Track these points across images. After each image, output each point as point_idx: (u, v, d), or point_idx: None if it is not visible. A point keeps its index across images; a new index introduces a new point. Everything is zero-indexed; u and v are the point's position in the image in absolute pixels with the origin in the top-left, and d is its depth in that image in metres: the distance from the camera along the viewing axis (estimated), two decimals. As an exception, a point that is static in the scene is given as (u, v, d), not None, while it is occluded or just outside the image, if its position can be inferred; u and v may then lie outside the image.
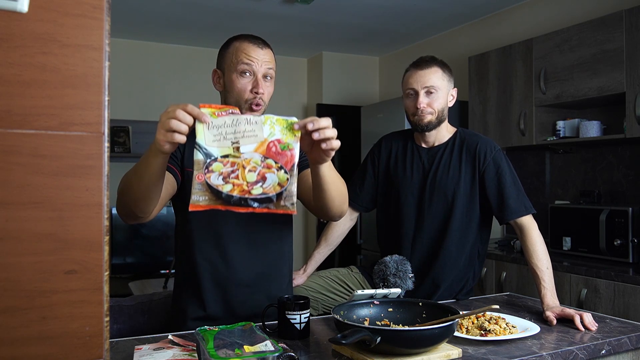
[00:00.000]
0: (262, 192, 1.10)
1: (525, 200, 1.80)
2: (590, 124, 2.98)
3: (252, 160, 1.11)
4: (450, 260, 1.84)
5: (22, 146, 0.66)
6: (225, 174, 1.09)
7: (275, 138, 1.12)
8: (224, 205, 1.09)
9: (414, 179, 1.90)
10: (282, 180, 1.11)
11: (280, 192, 1.10)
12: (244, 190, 1.10)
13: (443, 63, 1.87)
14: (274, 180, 1.11)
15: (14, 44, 0.65)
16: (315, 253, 2.01)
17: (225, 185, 1.09)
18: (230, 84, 1.51)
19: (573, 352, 1.29)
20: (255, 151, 1.11)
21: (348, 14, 4.00)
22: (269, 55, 1.52)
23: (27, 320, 0.66)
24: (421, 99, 1.81)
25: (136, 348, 1.23)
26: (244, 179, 1.10)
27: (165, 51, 4.84)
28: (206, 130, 1.10)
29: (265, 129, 1.11)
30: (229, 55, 1.52)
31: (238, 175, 1.10)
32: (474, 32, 4.18)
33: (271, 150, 1.11)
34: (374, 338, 1.11)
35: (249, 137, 1.11)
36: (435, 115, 1.83)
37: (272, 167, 1.11)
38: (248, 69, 1.48)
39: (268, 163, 1.11)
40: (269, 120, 1.12)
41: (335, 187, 1.38)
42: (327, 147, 1.17)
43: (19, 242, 0.65)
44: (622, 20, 2.71)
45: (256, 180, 1.10)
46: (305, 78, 5.46)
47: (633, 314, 2.36)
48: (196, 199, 1.08)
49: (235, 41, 1.53)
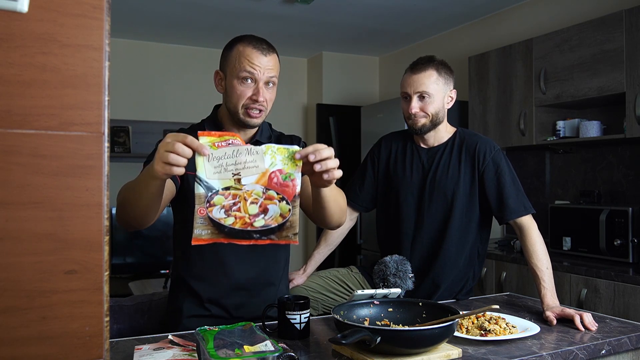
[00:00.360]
0: (264, 224, 1.10)
1: (524, 200, 1.80)
2: (590, 124, 2.98)
3: (254, 192, 1.10)
4: (450, 260, 1.84)
5: (22, 146, 0.66)
6: (227, 206, 1.09)
7: (276, 168, 1.11)
8: (227, 238, 1.09)
9: (414, 179, 1.90)
10: (284, 211, 1.11)
11: (282, 223, 1.10)
12: (246, 222, 1.09)
13: (441, 64, 1.86)
14: (276, 211, 1.10)
15: (14, 44, 0.65)
16: (315, 253, 2.01)
17: (228, 218, 1.09)
18: (230, 88, 1.49)
19: (573, 352, 1.29)
20: (256, 182, 1.10)
21: (348, 14, 4.00)
22: (272, 61, 1.49)
23: (27, 320, 0.66)
24: (413, 104, 1.81)
25: (136, 348, 1.23)
26: (246, 212, 1.09)
27: (165, 51, 4.84)
28: (206, 162, 1.08)
29: (267, 159, 1.10)
30: (232, 59, 1.48)
31: (240, 208, 1.09)
32: (474, 32, 4.18)
33: (273, 181, 1.11)
34: (374, 338, 1.11)
35: (250, 168, 1.10)
36: (428, 119, 1.83)
37: (274, 199, 1.11)
38: (250, 76, 1.46)
39: (270, 194, 1.11)
40: (269, 150, 1.11)
41: (335, 203, 1.41)
42: (329, 178, 1.18)
43: (19, 242, 0.65)
44: (622, 20, 2.71)
45: (258, 212, 1.10)
46: (305, 78, 5.46)
47: (633, 314, 2.36)
48: (198, 233, 1.08)
49: (239, 44, 1.49)
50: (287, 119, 5.21)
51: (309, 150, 1.13)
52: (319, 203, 1.36)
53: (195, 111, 4.89)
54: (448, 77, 1.86)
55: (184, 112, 4.82)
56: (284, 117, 5.18)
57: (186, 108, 4.84)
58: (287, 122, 5.19)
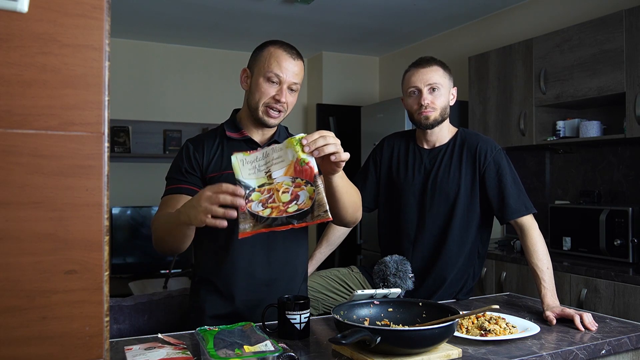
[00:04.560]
0: (298, 209, 1.21)
1: (526, 200, 1.80)
2: (590, 124, 2.98)
3: (284, 183, 1.23)
4: (451, 260, 1.84)
5: (22, 146, 0.66)
6: (263, 200, 1.22)
7: (295, 158, 1.24)
8: (267, 227, 1.20)
9: (416, 180, 1.90)
10: (311, 193, 1.21)
11: (312, 204, 1.21)
12: (280, 210, 1.21)
13: (442, 63, 1.89)
14: (305, 195, 1.21)
15: (14, 44, 0.65)
16: (316, 253, 2.01)
17: (265, 210, 1.21)
18: (255, 86, 1.54)
19: (573, 352, 1.29)
20: (285, 174, 1.23)
21: (348, 14, 4.00)
22: (299, 67, 1.55)
23: (27, 320, 0.66)
24: (425, 96, 1.82)
25: (126, 348, 1.22)
26: (280, 201, 1.22)
27: (165, 51, 4.84)
28: (241, 167, 1.24)
29: (290, 152, 1.24)
30: (262, 59, 1.54)
31: (274, 199, 1.22)
32: (474, 32, 4.17)
33: (296, 169, 1.23)
34: (374, 338, 1.11)
35: (277, 163, 1.24)
36: (439, 112, 1.84)
37: (301, 185, 1.22)
38: (276, 77, 1.52)
39: (297, 182, 1.23)
40: (289, 143, 1.24)
41: (349, 196, 1.47)
42: (336, 159, 1.27)
43: (19, 242, 0.65)
44: (622, 20, 2.71)
45: (290, 199, 1.22)
46: (305, 78, 5.47)
47: (633, 314, 2.36)
48: (243, 227, 1.20)
49: (272, 46, 1.55)
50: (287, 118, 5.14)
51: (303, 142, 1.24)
52: (333, 196, 1.42)
53: (195, 111, 4.91)
54: (450, 74, 1.89)
55: (184, 112, 4.82)
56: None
57: (186, 108, 4.84)
58: (287, 122, 5.13)
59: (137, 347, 1.23)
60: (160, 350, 1.21)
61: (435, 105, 1.82)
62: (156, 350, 1.21)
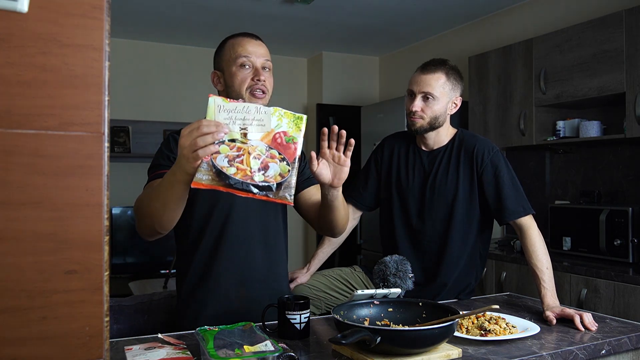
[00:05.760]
0: (264, 180, 1.14)
1: (523, 201, 1.80)
2: (590, 124, 2.98)
3: (258, 148, 1.15)
4: (452, 262, 1.84)
5: (22, 146, 0.65)
6: (230, 157, 1.13)
7: (281, 130, 1.17)
8: (226, 187, 1.13)
9: (415, 182, 1.90)
10: (284, 171, 1.16)
11: (280, 182, 1.15)
12: (246, 175, 1.14)
13: (452, 69, 1.85)
14: (276, 170, 1.15)
15: (14, 44, 0.65)
16: (318, 252, 2.02)
17: (230, 168, 1.13)
18: (230, 77, 1.53)
19: (573, 352, 1.29)
20: (261, 140, 1.15)
21: (348, 14, 4.00)
22: (264, 48, 1.57)
23: (27, 320, 0.66)
24: (416, 102, 1.82)
25: (126, 349, 1.22)
26: (248, 165, 1.14)
27: (165, 51, 4.84)
28: (217, 112, 1.13)
29: (273, 120, 1.16)
30: (226, 53, 1.55)
31: (243, 161, 1.14)
32: (474, 32, 4.17)
33: (276, 141, 1.16)
34: (374, 338, 1.11)
35: (257, 125, 1.15)
36: (426, 121, 1.83)
37: (275, 158, 1.16)
38: (247, 61, 1.52)
39: (272, 153, 1.16)
40: (277, 112, 1.16)
41: (344, 206, 1.50)
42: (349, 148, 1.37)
43: (19, 242, 0.65)
44: (622, 20, 2.71)
45: (259, 167, 1.15)
46: (305, 78, 5.46)
47: (633, 314, 2.36)
48: (200, 177, 1.12)
49: (230, 39, 1.58)
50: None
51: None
52: (332, 207, 1.44)
53: (195, 111, 4.90)
54: (456, 83, 1.86)
55: (184, 112, 4.82)
56: (284, 117, 5.18)
57: (186, 108, 4.84)
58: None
59: (137, 347, 1.23)
60: (160, 350, 1.21)
61: (424, 113, 1.82)
62: (156, 350, 1.21)
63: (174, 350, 1.21)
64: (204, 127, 1.10)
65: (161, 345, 1.25)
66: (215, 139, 1.10)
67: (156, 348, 1.22)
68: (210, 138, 1.10)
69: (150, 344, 1.26)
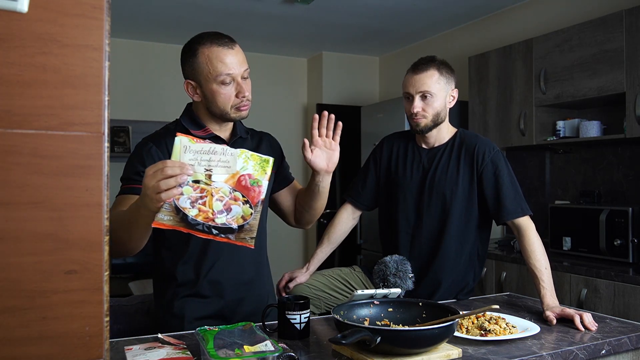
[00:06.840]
0: (225, 222, 1.15)
1: (522, 202, 1.80)
2: (590, 124, 2.98)
3: (221, 190, 1.15)
4: (449, 260, 1.84)
5: (22, 146, 0.66)
6: (193, 198, 1.13)
7: (247, 172, 1.17)
8: (187, 228, 1.13)
9: (414, 180, 1.91)
10: (246, 213, 1.16)
11: (242, 224, 1.16)
12: (208, 217, 1.14)
13: (442, 63, 1.86)
14: (238, 212, 1.16)
15: (14, 44, 0.65)
16: (318, 251, 2.02)
17: (192, 209, 1.13)
18: (211, 94, 1.48)
19: (573, 352, 1.29)
20: (226, 181, 1.15)
21: (348, 14, 4.00)
22: (240, 54, 1.49)
23: (27, 320, 0.66)
24: (415, 104, 1.82)
25: (126, 349, 1.22)
26: (210, 207, 1.14)
27: (165, 51, 4.83)
28: (183, 153, 1.12)
29: (239, 162, 1.16)
30: (202, 66, 1.46)
31: (205, 202, 1.14)
32: (474, 32, 4.17)
33: (241, 183, 1.16)
34: (374, 338, 1.11)
35: (222, 167, 1.15)
36: (430, 119, 1.83)
37: (238, 200, 1.16)
38: (227, 78, 1.46)
39: (236, 195, 1.16)
40: (244, 154, 1.16)
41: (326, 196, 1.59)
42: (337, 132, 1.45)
43: (19, 242, 0.65)
44: (622, 20, 2.71)
45: (222, 209, 1.15)
46: (305, 78, 5.46)
47: (633, 314, 2.36)
48: (161, 217, 1.13)
49: (202, 47, 1.46)
50: (287, 119, 5.21)
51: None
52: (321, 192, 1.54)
53: (195, 111, 4.91)
54: (449, 76, 1.86)
55: (184, 112, 4.81)
56: (284, 117, 5.18)
57: (186, 108, 4.83)
58: (287, 122, 5.19)
59: (137, 347, 1.23)
60: (160, 350, 1.21)
61: (426, 112, 1.82)
62: (156, 350, 1.21)
63: (174, 350, 1.21)
64: (168, 170, 1.08)
65: (161, 345, 1.26)
66: (178, 182, 1.09)
67: (156, 348, 1.23)
68: (173, 182, 1.08)
69: (150, 344, 1.26)
